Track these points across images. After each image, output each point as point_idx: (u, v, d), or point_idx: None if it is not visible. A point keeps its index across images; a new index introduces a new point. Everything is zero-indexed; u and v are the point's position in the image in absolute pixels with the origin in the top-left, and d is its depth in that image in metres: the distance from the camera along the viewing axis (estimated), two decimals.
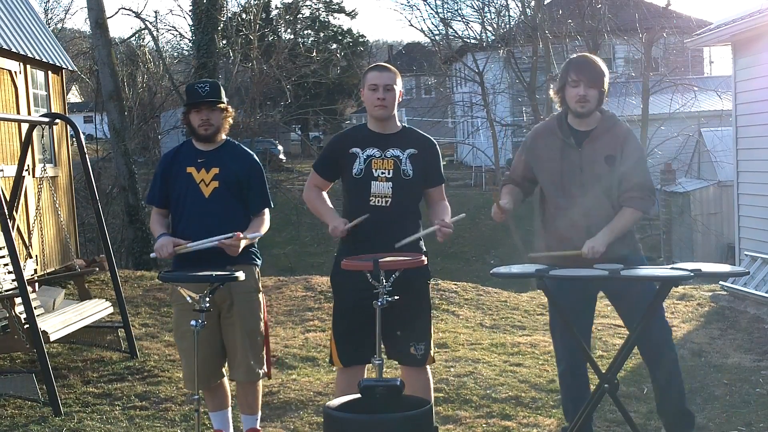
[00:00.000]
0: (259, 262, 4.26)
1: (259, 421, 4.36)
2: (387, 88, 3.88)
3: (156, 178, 4.29)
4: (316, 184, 4.10)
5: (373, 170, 3.89)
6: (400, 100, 3.99)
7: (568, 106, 3.97)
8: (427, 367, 4.03)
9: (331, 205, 4.07)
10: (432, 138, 4.10)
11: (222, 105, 4.15)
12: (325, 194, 4.11)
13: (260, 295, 4.23)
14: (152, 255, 4.09)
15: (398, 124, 4.02)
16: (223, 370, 4.28)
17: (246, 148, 4.32)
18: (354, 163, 3.91)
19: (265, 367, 4.24)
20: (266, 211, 4.26)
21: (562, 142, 3.99)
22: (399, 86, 3.95)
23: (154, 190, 4.29)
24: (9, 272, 6.16)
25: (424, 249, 3.97)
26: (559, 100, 4.03)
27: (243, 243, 4.03)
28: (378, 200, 3.88)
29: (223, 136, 4.23)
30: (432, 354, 4.03)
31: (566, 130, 4.00)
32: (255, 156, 4.30)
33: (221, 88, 4.22)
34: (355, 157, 3.92)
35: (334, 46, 39.24)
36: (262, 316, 4.22)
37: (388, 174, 3.89)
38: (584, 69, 3.91)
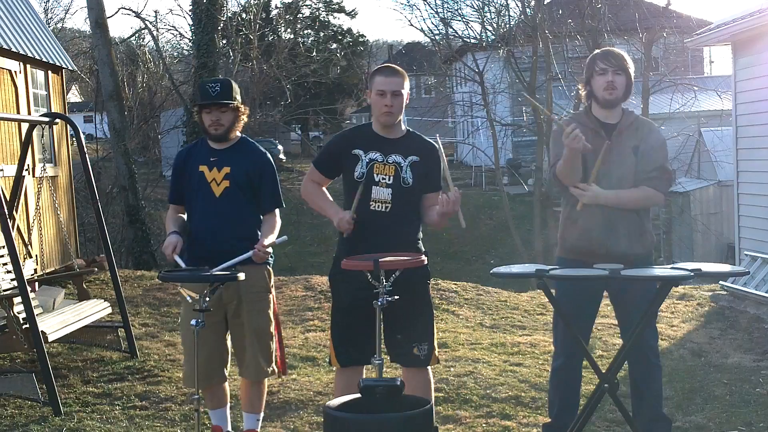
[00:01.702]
0: (270, 260, 4.24)
1: (260, 421, 4.35)
2: (395, 93, 3.84)
3: (172, 175, 4.30)
4: (314, 180, 4.07)
5: (375, 175, 3.87)
6: (407, 102, 3.96)
7: (596, 97, 4.00)
8: (428, 367, 4.02)
9: (331, 199, 4.04)
10: (434, 144, 4.07)
11: (233, 105, 4.12)
12: (324, 189, 4.09)
13: (270, 295, 4.21)
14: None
15: (403, 128, 4.00)
16: (225, 372, 4.27)
17: (259, 147, 4.29)
18: (356, 165, 3.89)
19: (274, 365, 4.24)
20: (277, 211, 4.25)
21: (594, 132, 3.99)
22: (407, 89, 3.91)
23: (171, 188, 4.30)
24: (8, 272, 6.16)
25: (424, 249, 3.97)
26: (585, 94, 4.07)
27: (270, 249, 4.04)
28: (378, 205, 3.87)
29: (237, 134, 4.22)
30: (436, 354, 4.02)
31: (595, 121, 4.03)
32: (268, 155, 4.27)
33: (233, 86, 4.16)
34: (358, 159, 3.90)
35: (334, 45, 39.27)
36: (271, 316, 4.21)
37: (389, 180, 3.87)
38: (610, 57, 4.00)
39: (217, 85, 4.10)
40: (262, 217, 4.20)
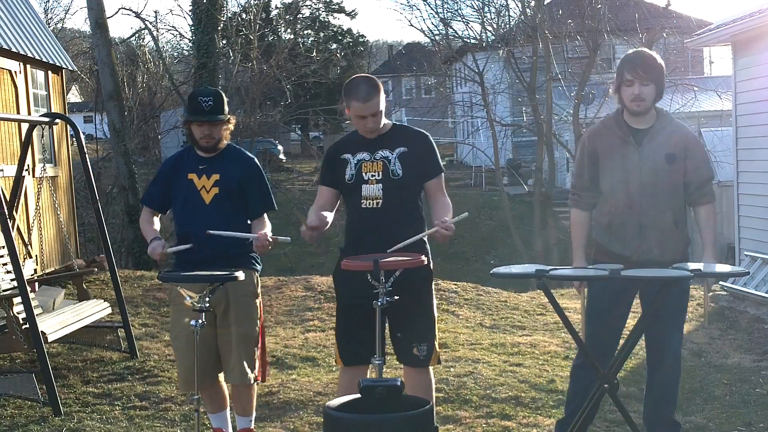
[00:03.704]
0: (259, 267, 4.26)
1: (253, 422, 4.36)
2: (374, 114, 3.84)
3: (156, 180, 4.30)
4: (322, 197, 3.99)
5: (363, 174, 3.89)
6: (386, 104, 3.95)
7: (625, 105, 3.93)
8: (430, 368, 4.02)
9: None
10: (424, 131, 4.04)
11: (226, 118, 4.13)
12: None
13: (257, 300, 4.22)
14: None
15: (388, 123, 3.99)
16: (219, 373, 4.26)
17: (247, 153, 4.31)
18: (346, 168, 3.93)
19: (255, 371, 4.22)
20: (265, 214, 4.25)
21: (621, 140, 3.94)
22: (383, 100, 3.88)
23: (151, 191, 4.31)
24: (8, 272, 6.16)
25: (428, 247, 3.96)
26: (616, 99, 4.01)
27: (270, 241, 4.03)
28: (369, 203, 3.88)
29: (225, 143, 4.23)
30: (437, 354, 4.02)
31: (625, 128, 3.96)
32: (256, 160, 4.30)
33: (224, 98, 4.17)
34: (347, 163, 3.93)
35: (334, 46, 39.19)
36: (258, 321, 4.22)
37: (378, 176, 3.88)
38: (638, 67, 3.86)
39: (209, 99, 4.07)
40: (249, 222, 4.19)
